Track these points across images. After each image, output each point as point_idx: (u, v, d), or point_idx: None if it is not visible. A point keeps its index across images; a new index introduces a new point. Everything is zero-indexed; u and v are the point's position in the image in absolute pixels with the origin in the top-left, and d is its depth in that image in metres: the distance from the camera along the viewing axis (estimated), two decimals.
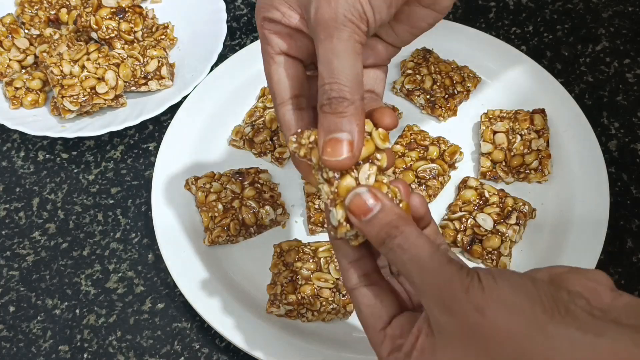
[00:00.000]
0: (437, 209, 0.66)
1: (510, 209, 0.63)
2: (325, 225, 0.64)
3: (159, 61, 0.73)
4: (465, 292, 0.36)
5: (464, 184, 0.66)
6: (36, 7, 0.77)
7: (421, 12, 0.48)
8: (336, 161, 0.40)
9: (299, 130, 0.42)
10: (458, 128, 0.71)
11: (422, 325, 0.39)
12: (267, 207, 0.64)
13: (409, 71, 0.72)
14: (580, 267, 0.39)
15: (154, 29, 0.77)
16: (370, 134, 0.41)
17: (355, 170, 0.41)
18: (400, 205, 0.41)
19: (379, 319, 0.41)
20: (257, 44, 0.76)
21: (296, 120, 0.45)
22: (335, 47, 0.41)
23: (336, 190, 0.40)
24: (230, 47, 0.79)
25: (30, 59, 0.75)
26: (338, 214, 0.40)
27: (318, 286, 0.60)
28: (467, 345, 0.36)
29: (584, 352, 0.34)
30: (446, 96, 0.71)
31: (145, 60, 0.73)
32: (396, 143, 0.68)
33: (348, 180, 0.40)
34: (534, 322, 0.34)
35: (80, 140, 0.73)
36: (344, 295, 0.59)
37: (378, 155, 0.41)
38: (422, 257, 0.37)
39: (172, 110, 0.72)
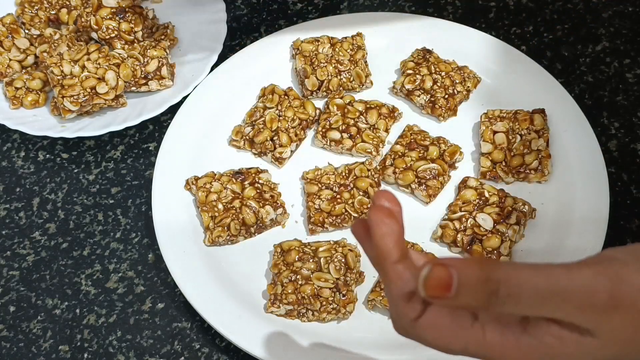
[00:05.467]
0: (437, 209, 0.66)
1: (510, 209, 0.63)
2: (326, 226, 0.64)
3: (159, 61, 0.73)
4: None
5: (464, 184, 0.66)
6: (36, 7, 0.77)
7: None
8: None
9: None
10: (458, 128, 0.70)
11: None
12: (267, 207, 0.64)
13: (409, 71, 0.72)
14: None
15: (154, 29, 0.77)
16: None
17: None
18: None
19: None
20: (257, 44, 0.76)
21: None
22: None
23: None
24: (230, 47, 0.79)
25: (30, 59, 0.75)
26: None
27: (318, 286, 0.59)
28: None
29: None
30: (446, 96, 0.71)
31: (145, 60, 0.73)
32: (396, 143, 0.68)
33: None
34: None
35: (81, 140, 0.73)
36: (344, 295, 0.59)
37: None
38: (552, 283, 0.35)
39: (172, 110, 0.72)
